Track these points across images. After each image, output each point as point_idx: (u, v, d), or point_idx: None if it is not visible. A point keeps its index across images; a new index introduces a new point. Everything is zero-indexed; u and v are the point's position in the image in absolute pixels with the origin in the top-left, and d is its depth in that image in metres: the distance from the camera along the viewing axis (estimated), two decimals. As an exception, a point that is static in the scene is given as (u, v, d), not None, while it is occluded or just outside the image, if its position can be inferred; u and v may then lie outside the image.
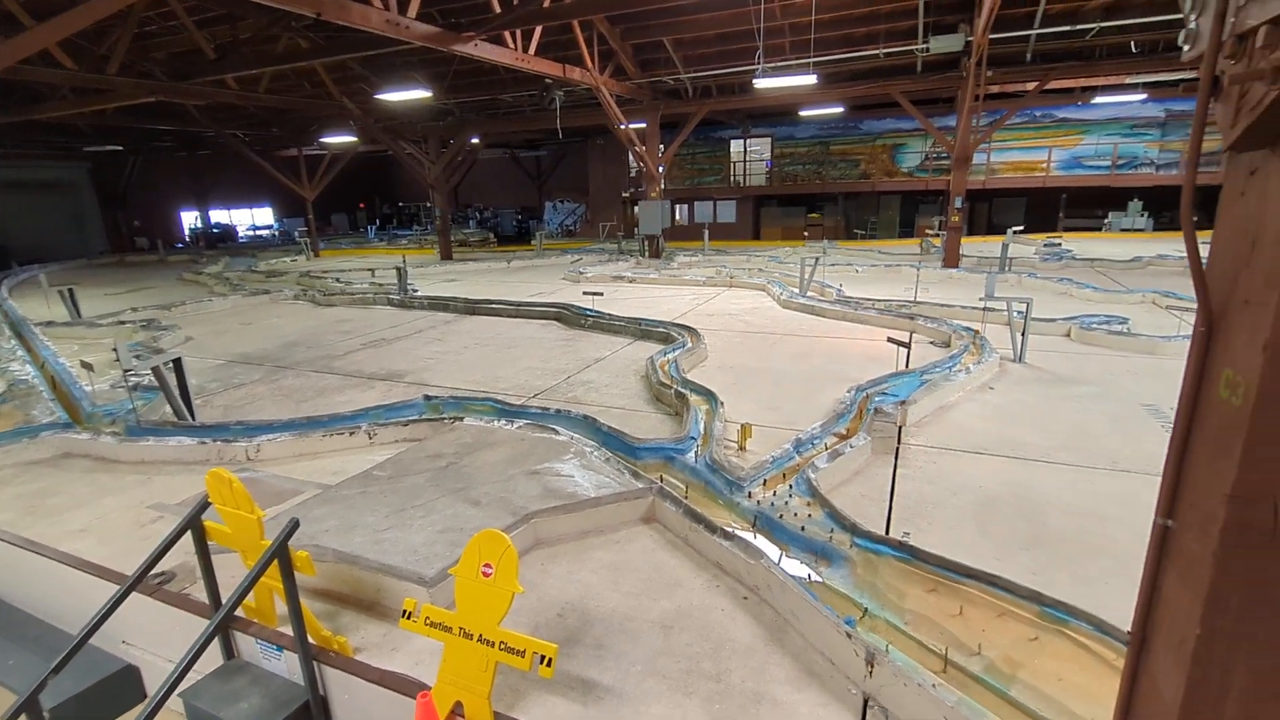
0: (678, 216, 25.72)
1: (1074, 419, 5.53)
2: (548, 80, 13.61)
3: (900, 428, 5.34)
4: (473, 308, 11.33)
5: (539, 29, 11.25)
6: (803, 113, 21.39)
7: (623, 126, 15.56)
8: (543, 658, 2.42)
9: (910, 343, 7.81)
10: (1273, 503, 0.99)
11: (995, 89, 15.64)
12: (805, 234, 22.97)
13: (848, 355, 7.75)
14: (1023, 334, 7.29)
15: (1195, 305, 1.13)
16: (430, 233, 28.84)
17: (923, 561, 3.31)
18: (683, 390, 5.95)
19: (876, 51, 13.31)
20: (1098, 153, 20.87)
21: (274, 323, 11.17)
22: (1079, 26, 12.25)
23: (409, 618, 2.66)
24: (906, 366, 6.82)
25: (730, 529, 3.65)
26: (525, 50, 11.32)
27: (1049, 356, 7.36)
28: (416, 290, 13.06)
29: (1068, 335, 8.29)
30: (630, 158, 17.73)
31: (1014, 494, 4.29)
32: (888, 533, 3.83)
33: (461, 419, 5.51)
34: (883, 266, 15.01)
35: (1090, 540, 3.73)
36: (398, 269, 13.04)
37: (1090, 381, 6.53)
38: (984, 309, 8.38)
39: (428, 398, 6.05)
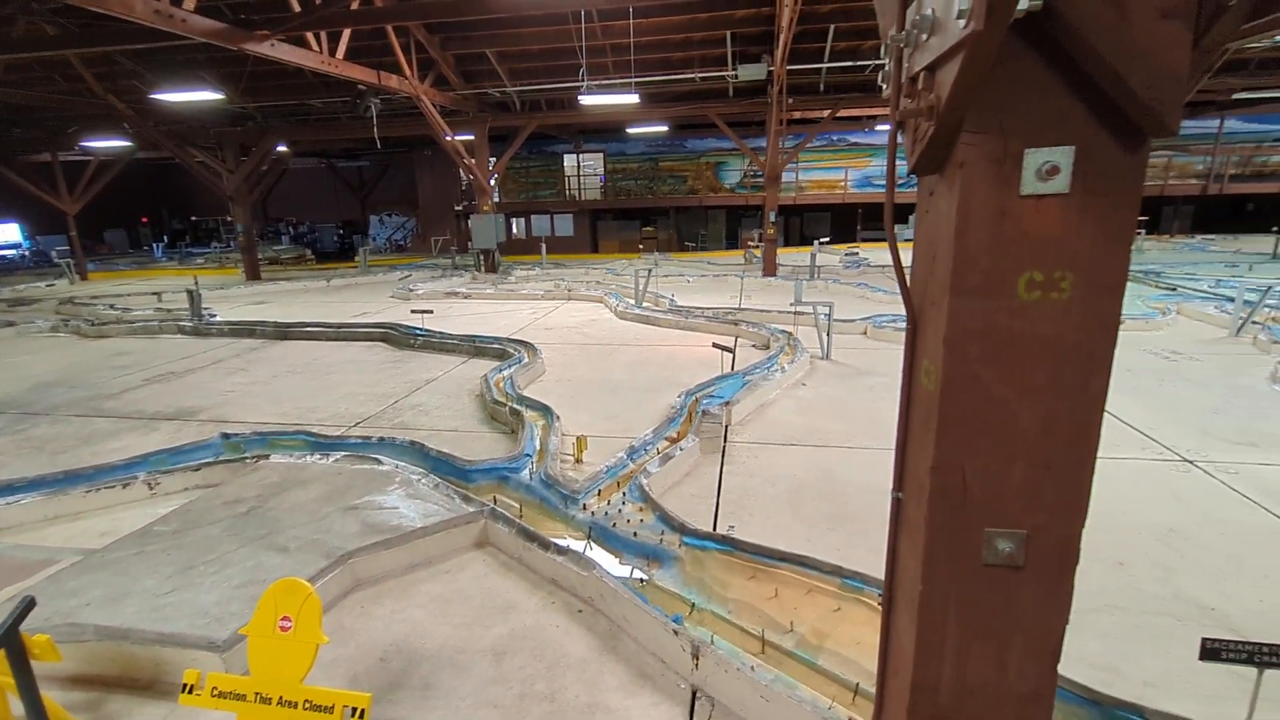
0: (516, 230, 25.42)
1: (870, 407, 6.25)
2: (361, 87, 12.80)
3: (726, 427, 5.69)
4: (284, 332, 10.27)
5: (347, 32, 10.55)
6: (630, 130, 22.17)
7: (449, 138, 15.07)
8: (355, 710, 2.22)
9: (735, 347, 8.35)
10: (960, 472, 1.18)
11: (797, 115, 17.36)
12: (640, 246, 23.80)
13: (680, 362, 8.11)
14: (828, 334, 8.12)
15: None
16: (233, 250, 25.77)
17: (743, 551, 3.53)
18: (518, 407, 5.85)
19: (693, 76, 14.18)
20: (884, 173, 23.97)
21: (21, 360, 9.28)
22: (859, 63, 13.99)
23: (190, 692, 2.31)
24: (732, 369, 7.30)
25: (564, 543, 3.63)
26: (333, 54, 10.54)
27: (850, 353, 8.25)
28: (214, 315, 11.58)
29: (864, 333, 9.37)
30: (462, 170, 17.23)
31: (821, 479, 4.74)
32: (715, 528, 4.05)
33: (267, 457, 4.95)
34: (711, 276, 15.98)
35: (884, 515, 4.20)
36: (190, 291, 11.46)
37: (883, 373, 7.42)
38: (795, 313, 9.22)
39: (226, 436, 5.36)
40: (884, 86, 1.34)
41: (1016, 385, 1.13)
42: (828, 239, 19.40)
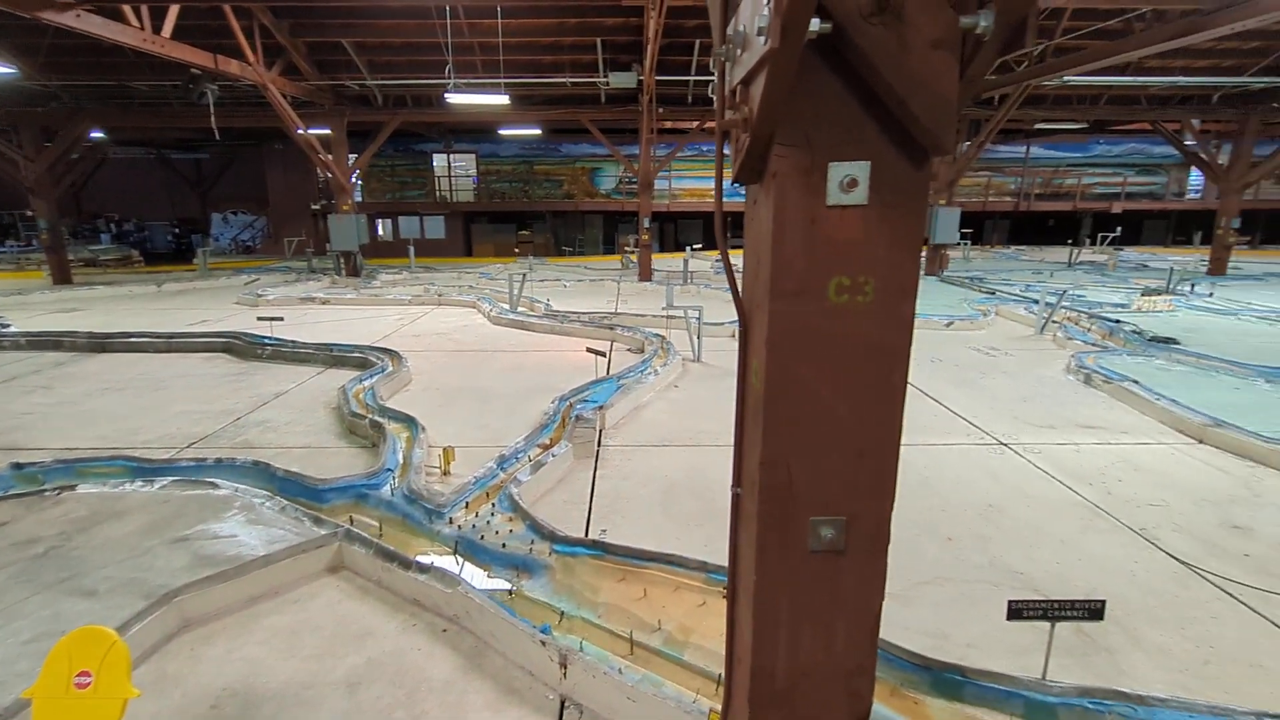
0: (382, 231, 24.03)
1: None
2: (195, 71, 11.52)
3: (600, 431, 5.71)
4: (101, 343, 8.99)
5: (175, 8, 9.44)
6: (502, 131, 21.76)
7: (302, 131, 13.95)
8: (173, 770, 1.97)
9: (610, 351, 8.41)
10: (787, 466, 1.26)
11: (668, 124, 17.88)
12: (516, 250, 23.40)
13: (556, 367, 8.03)
14: (699, 337, 8.41)
15: None
16: (36, 250, 22.22)
17: (613, 554, 3.55)
18: (379, 419, 5.52)
19: (564, 80, 14.16)
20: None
21: None
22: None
23: (-47, 777, 1.94)
24: (607, 373, 7.34)
25: (428, 561, 3.46)
26: (158, 31, 9.39)
27: (720, 355, 8.59)
28: (8, 325, 9.91)
29: (732, 335, 9.81)
30: (319, 167, 16.00)
31: (692, 477, 4.88)
32: (586, 533, 4.04)
33: (73, 488, 4.30)
34: (589, 281, 16.03)
35: (747, 507, 4.41)
36: (-26, 298, 9.72)
37: (749, 373, 7.79)
38: (667, 317, 9.46)
39: (17, 466, 4.58)
40: (715, 99, 1.40)
41: (831, 382, 1.21)
42: (700, 245, 20.14)
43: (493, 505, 4.14)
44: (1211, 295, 13.27)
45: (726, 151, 1.29)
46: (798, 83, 1.05)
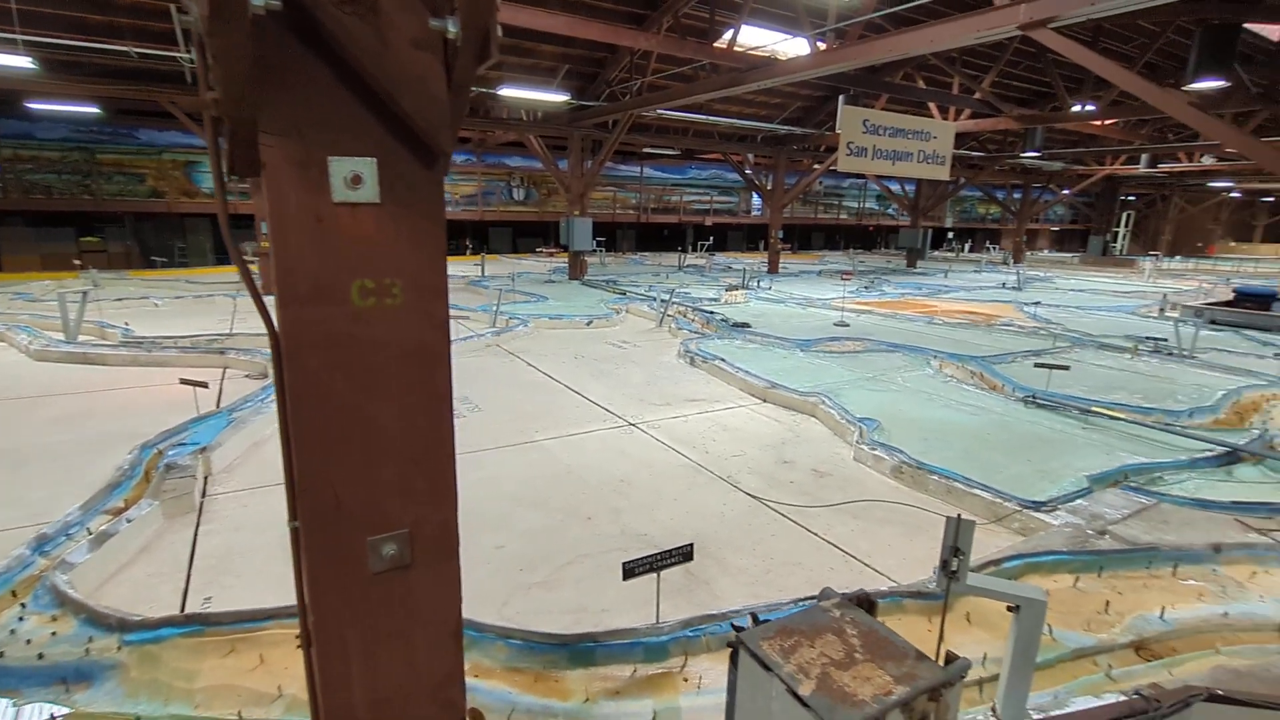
0: None
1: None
2: None
3: (205, 478, 4.72)
4: None
5: None
6: (33, 106, 16.41)
7: None
8: None
9: (222, 379, 7.08)
10: (331, 487, 1.15)
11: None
12: (78, 262, 17.95)
13: (142, 407, 6.38)
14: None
15: (466, 314, 1.21)
16: None
17: (217, 625, 2.94)
18: None
19: (126, 49, 11.31)
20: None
21: None
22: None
23: None
24: (217, 407, 6.13)
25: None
26: None
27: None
28: None
29: (380, 349, 9.16)
30: None
31: (328, 512, 4.36)
32: (183, 608, 3.28)
33: None
34: (192, 298, 13.21)
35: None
36: None
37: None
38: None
39: None
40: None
41: (369, 390, 1.15)
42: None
43: (22, 606, 3.05)
44: (770, 288, 17.36)
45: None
46: (280, 67, 0.95)
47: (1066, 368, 7.87)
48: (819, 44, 9.80)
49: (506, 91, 12.90)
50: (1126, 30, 13.22)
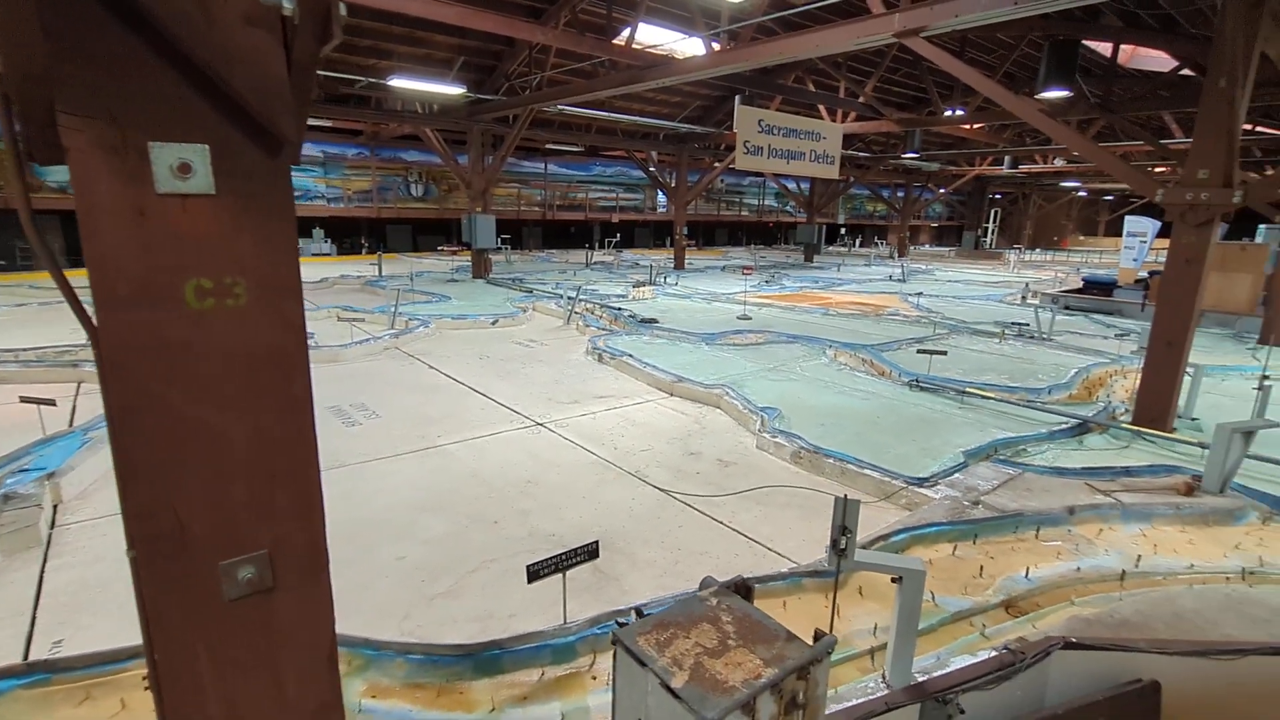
0: None
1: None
2: None
3: (55, 507, 4.21)
4: None
5: None
6: None
7: None
8: None
9: (76, 396, 6.37)
10: (173, 511, 1.04)
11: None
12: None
13: (-29, 432, 5.59)
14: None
15: (362, 316, 1.07)
16: None
17: (68, 671, 2.62)
18: None
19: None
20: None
21: None
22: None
23: None
24: (70, 426, 5.49)
25: None
26: None
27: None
28: None
29: (265, 356, 8.52)
30: None
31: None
32: (26, 655, 2.90)
33: None
34: (37, 305, 11.75)
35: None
36: None
37: (286, 397, 6.88)
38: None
39: None
40: None
41: (213, 401, 1.04)
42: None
43: None
44: (677, 284, 17.65)
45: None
46: (80, 38, 0.83)
47: (944, 353, 8.52)
48: (714, 44, 10.04)
49: (398, 82, 12.33)
50: (988, 42, 14.44)
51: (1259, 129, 17.37)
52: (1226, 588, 3.54)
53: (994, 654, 2.71)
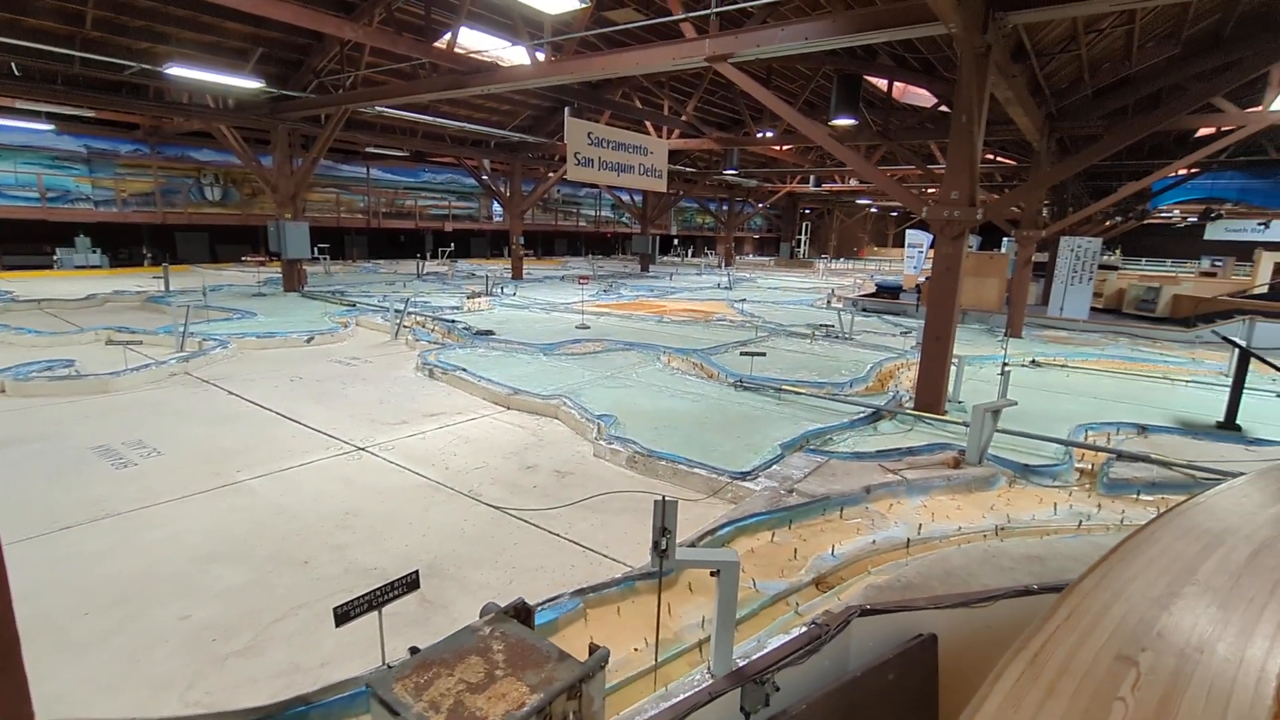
0: None
1: (13, 488, 4.65)
2: None
3: None
4: None
5: None
6: None
7: None
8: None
9: None
10: None
11: None
12: None
13: None
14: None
15: (140, 338, 0.78)
16: None
17: None
18: None
19: None
20: (19, 182, 18.62)
21: None
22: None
23: None
24: None
25: None
26: None
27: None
28: None
29: (2, 391, 7.00)
30: None
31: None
32: None
33: None
34: None
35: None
36: None
37: (34, 439, 5.70)
38: None
39: None
40: None
41: None
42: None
43: None
44: (515, 294, 17.36)
45: None
46: None
47: (764, 354, 9.23)
48: (539, 55, 10.03)
49: (177, 71, 10.82)
50: (790, 73, 15.97)
51: (999, 159, 20.99)
52: (985, 544, 4.18)
53: (805, 629, 2.95)
